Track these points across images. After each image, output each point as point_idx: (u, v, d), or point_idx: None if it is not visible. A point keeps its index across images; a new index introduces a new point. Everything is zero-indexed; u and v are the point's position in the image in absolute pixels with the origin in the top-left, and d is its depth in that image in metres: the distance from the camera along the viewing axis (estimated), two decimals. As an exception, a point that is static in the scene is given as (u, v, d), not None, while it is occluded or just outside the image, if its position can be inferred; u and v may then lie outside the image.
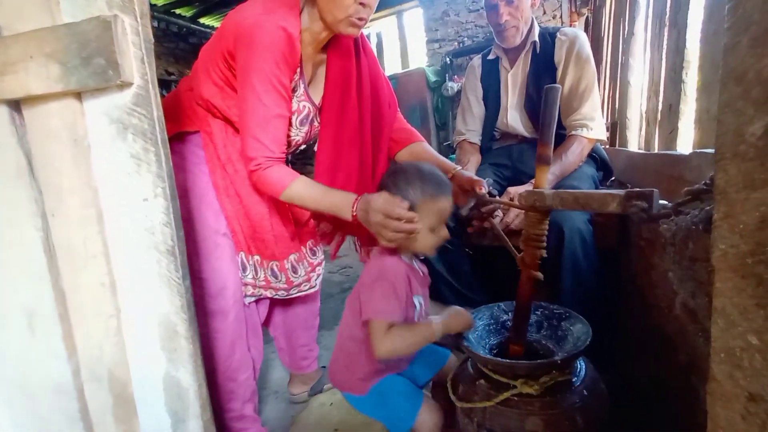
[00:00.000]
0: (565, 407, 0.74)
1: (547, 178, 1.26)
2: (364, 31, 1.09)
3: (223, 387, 1.07)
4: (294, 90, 0.99)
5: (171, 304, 0.67)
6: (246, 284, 1.10)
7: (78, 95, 0.62)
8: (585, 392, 0.77)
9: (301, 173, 0.97)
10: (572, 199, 0.70)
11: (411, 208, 0.84)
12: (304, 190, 0.93)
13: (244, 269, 1.09)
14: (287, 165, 0.98)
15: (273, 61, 0.88)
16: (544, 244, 0.80)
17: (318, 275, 1.22)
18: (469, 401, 0.80)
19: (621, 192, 0.61)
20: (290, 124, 1.00)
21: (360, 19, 0.92)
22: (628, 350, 1.13)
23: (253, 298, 1.13)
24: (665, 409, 0.87)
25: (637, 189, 0.60)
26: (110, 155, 0.64)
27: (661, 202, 0.85)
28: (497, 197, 1.05)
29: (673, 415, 0.83)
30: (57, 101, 0.62)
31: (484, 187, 1.00)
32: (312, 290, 1.19)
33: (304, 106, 1.03)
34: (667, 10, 1.26)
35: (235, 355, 1.08)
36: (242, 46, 0.88)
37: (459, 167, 1.06)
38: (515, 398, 0.76)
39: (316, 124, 1.09)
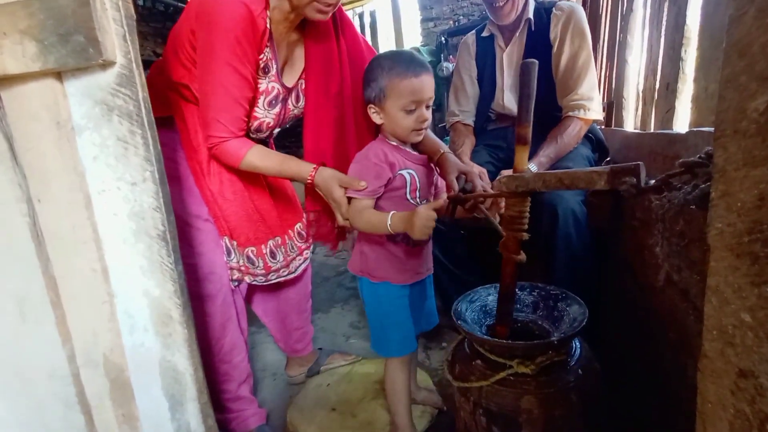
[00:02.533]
0: (560, 386, 0.76)
1: (539, 160, 1.27)
2: (357, 10, 1.06)
3: (217, 369, 1.09)
4: (265, 70, 0.96)
5: (164, 290, 0.66)
6: (231, 268, 1.10)
7: (58, 75, 0.59)
8: (580, 371, 0.79)
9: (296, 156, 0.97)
10: (556, 179, 0.68)
11: (382, 92, 0.89)
12: (259, 160, 0.96)
13: (228, 254, 1.09)
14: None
15: (233, 41, 0.85)
16: (526, 226, 0.78)
17: (305, 259, 1.22)
18: (465, 381, 0.82)
19: (606, 168, 0.60)
20: (256, 105, 0.99)
21: (327, 5, 0.88)
22: (622, 329, 1.15)
23: (237, 283, 1.13)
24: (657, 386, 0.89)
25: (623, 164, 0.58)
26: (96, 138, 0.62)
27: (652, 181, 0.84)
28: (480, 189, 0.97)
29: (664, 391, 0.85)
30: (36, 81, 0.59)
31: (456, 185, 0.95)
32: (291, 275, 1.18)
33: (273, 87, 1.00)
34: (667, -16, 1.23)
35: (226, 337, 1.09)
36: (202, 24, 0.86)
37: (446, 149, 1.01)
38: (511, 378, 0.77)
39: (290, 106, 1.07)
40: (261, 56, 0.93)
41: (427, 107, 0.90)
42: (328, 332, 1.74)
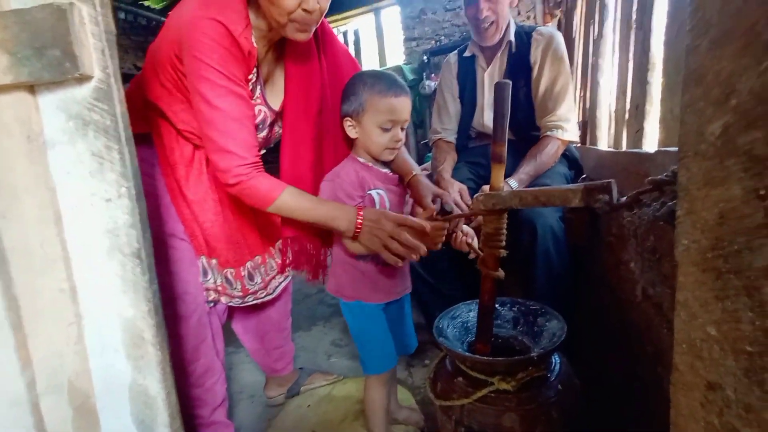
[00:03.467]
0: (540, 402, 0.76)
1: (519, 177, 1.30)
2: (341, 28, 1.07)
3: (189, 394, 1.04)
4: (252, 93, 0.92)
5: (137, 309, 0.64)
6: (208, 289, 1.06)
7: (31, 88, 0.58)
8: (560, 387, 0.79)
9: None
10: (532, 197, 0.70)
11: (361, 106, 0.89)
12: (294, 201, 0.87)
13: (205, 273, 1.05)
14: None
15: (217, 62, 0.80)
16: (503, 243, 0.79)
17: (285, 277, 1.18)
18: (447, 399, 0.81)
19: (580, 186, 0.62)
20: None
21: (306, 23, 0.84)
22: (600, 343, 1.17)
23: (213, 303, 1.10)
24: (635, 399, 0.90)
25: (596, 182, 0.61)
26: (70, 153, 0.61)
27: (624, 198, 0.87)
28: (456, 210, 0.98)
29: (643, 405, 0.86)
30: (7, 94, 0.57)
31: (432, 207, 0.93)
32: (269, 297, 1.15)
33: (260, 110, 0.97)
34: (634, 13, 1.31)
35: (199, 360, 1.05)
36: (186, 51, 0.81)
37: (418, 171, 1.00)
38: (492, 395, 0.77)
39: (276, 129, 1.04)
40: (250, 76, 0.90)
41: (402, 129, 0.92)
42: (309, 351, 1.70)
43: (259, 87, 0.95)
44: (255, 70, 0.91)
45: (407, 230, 0.83)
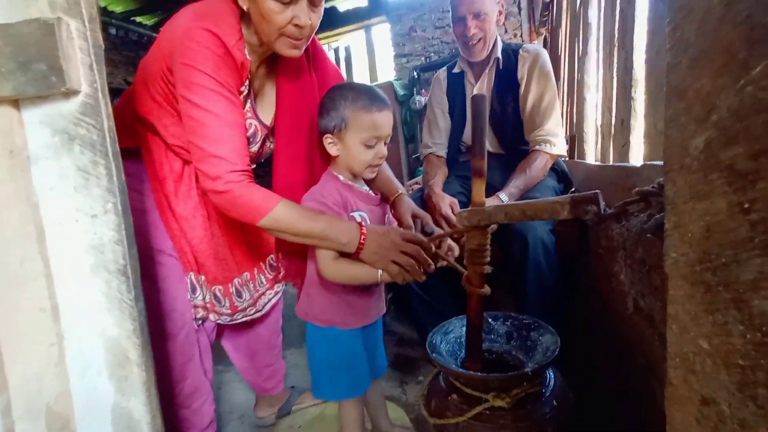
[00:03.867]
0: (536, 419, 0.75)
1: (510, 191, 1.32)
2: (333, 45, 1.07)
3: (176, 415, 1.01)
4: (243, 106, 0.91)
5: (122, 328, 0.62)
6: (196, 306, 1.04)
7: (15, 102, 0.57)
8: (555, 402, 0.78)
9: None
10: (519, 211, 0.69)
11: (343, 122, 0.86)
12: (291, 213, 0.80)
13: (193, 290, 1.03)
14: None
15: (211, 69, 0.78)
16: (488, 259, 0.78)
17: (275, 293, 1.16)
18: (441, 417, 0.80)
19: (567, 198, 0.62)
20: None
21: (297, 38, 0.82)
22: (591, 355, 1.16)
23: (201, 321, 1.07)
24: (627, 412, 0.90)
25: (582, 193, 0.61)
26: (54, 168, 0.60)
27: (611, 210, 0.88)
28: (436, 231, 0.97)
29: (636, 418, 0.85)
30: (-10, 109, 0.56)
31: (413, 226, 0.94)
32: (258, 314, 1.12)
33: (251, 124, 0.96)
34: (616, 32, 1.35)
35: (186, 380, 1.01)
36: (177, 60, 0.79)
37: (402, 191, 1.00)
38: (487, 412, 0.76)
39: (268, 144, 1.03)
40: (242, 88, 0.89)
41: (385, 143, 0.90)
42: (301, 369, 1.66)
43: (250, 101, 0.95)
44: (247, 83, 0.90)
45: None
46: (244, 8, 0.83)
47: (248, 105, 0.94)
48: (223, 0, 0.85)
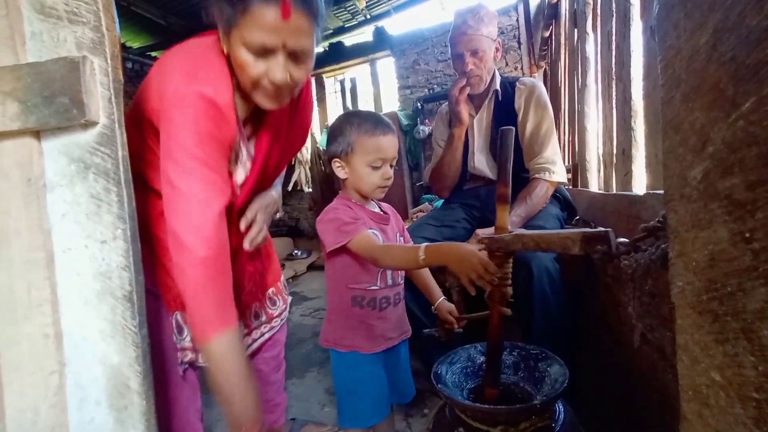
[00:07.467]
0: (544, 454, 0.72)
1: (512, 219, 1.32)
2: (339, 77, 1.06)
3: None
4: (237, 158, 0.84)
5: (123, 356, 0.61)
6: (183, 349, 0.88)
7: (36, 134, 0.60)
8: (564, 437, 0.75)
9: None
10: (534, 242, 0.71)
11: (350, 146, 0.90)
12: (231, 348, 0.71)
13: (180, 331, 0.88)
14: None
15: (195, 142, 0.72)
16: (510, 281, 0.80)
17: (271, 327, 1.06)
18: (446, 452, 0.76)
19: (579, 235, 0.62)
20: (234, 194, 0.84)
21: (277, 89, 0.75)
22: (602, 388, 1.12)
23: (187, 365, 0.90)
24: (643, 450, 0.85)
25: (593, 231, 0.61)
26: (67, 195, 0.62)
27: (619, 239, 0.89)
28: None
29: (651, 456, 0.81)
30: (12, 140, 0.59)
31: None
32: (250, 350, 1.01)
33: (246, 165, 0.88)
34: (613, 65, 1.40)
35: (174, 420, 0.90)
36: (163, 125, 0.73)
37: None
38: (494, 447, 0.73)
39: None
40: (234, 143, 0.81)
41: (391, 166, 0.93)
42: (302, 400, 1.62)
43: (244, 148, 0.87)
44: (238, 136, 0.82)
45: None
46: (225, 52, 0.76)
47: (244, 153, 0.87)
48: (212, 47, 0.78)
